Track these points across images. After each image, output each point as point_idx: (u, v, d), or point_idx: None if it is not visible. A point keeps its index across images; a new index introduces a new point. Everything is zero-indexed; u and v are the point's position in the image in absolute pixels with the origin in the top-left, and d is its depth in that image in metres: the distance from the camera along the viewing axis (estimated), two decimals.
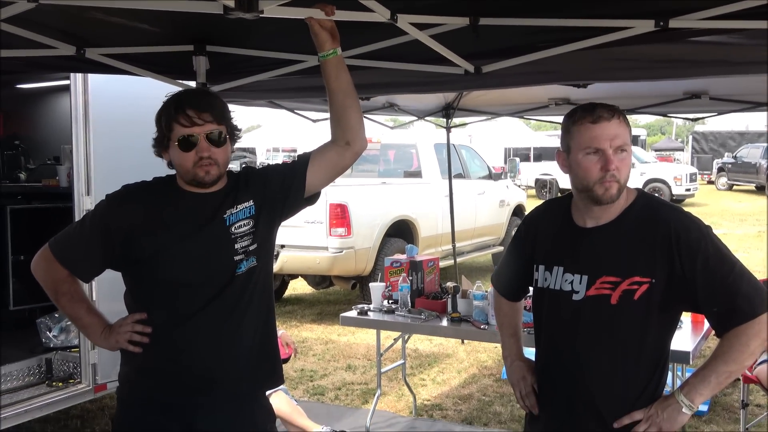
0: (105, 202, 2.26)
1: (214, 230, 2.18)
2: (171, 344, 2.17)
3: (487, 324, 4.15)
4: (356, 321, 4.63)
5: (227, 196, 2.23)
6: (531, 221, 2.31)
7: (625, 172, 1.99)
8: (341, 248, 7.83)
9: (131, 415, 2.25)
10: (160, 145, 2.18)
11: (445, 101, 6.52)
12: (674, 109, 5.92)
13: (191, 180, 2.17)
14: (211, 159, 2.13)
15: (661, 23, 2.56)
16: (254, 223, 2.23)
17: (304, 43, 2.28)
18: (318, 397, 5.66)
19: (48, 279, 2.26)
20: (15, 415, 4.08)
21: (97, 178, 4.39)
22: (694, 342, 3.75)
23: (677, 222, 1.98)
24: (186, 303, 2.16)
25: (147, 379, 2.21)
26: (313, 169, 2.28)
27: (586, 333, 2.04)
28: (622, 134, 1.98)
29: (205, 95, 2.29)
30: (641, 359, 2.02)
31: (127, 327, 2.18)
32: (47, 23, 2.79)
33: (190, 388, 2.17)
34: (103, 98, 4.43)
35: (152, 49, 3.23)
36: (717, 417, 5.02)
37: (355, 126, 2.26)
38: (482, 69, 3.11)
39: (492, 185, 10.77)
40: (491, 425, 4.99)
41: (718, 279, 1.91)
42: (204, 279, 2.16)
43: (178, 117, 2.11)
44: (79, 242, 2.24)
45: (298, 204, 2.33)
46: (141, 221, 2.17)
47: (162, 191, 2.24)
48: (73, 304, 2.27)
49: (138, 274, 2.22)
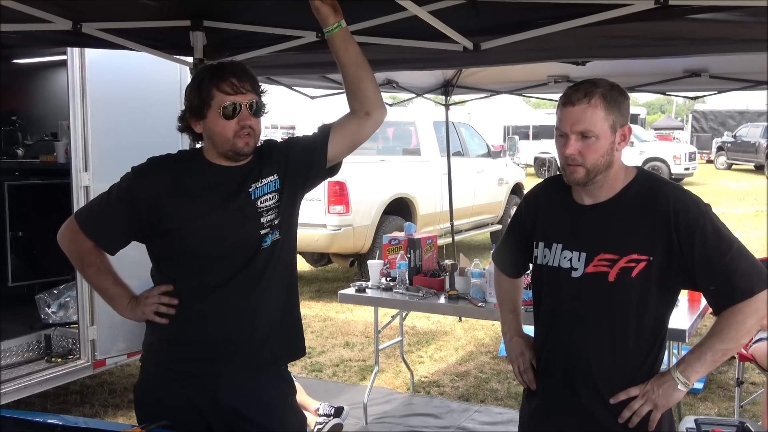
0: (131, 174, 2.25)
1: (240, 204, 2.18)
2: (196, 315, 2.18)
3: (485, 302, 4.17)
4: (354, 298, 4.64)
5: (252, 170, 2.22)
6: (531, 199, 2.31)
7: (592, 156, 1.97)
8: (339, 226, 7.85)
9: (154, 383, 2.26)
10: (196, 115, 2.15)
11: (444, 78, 6.49)
12: (674, 87, 5.91)
13: (228, 150, 2.16)
14: (252, 129, 2.14)
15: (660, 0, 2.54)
16: (279, 197, 2.24)
17: (302, 18, 2.27)
18: (316, 373, 5.70)
19: (74, 250, 2.26)
20: (15, 390, 4.11)
21: (94, 154, 4.36)
22: (690, 320, 3.77)
23: (676, 200, 1.98)
24: (211, 275, 2.17)
25: (171, 348, 2.23)
26: (334, 140, 2.28)
27: (584, 310, 2.05)
28: (587, 119, 1.95)
29: (242, 66, 2.27)
30: (639, 336, 2.03)
31: (153, 299, 2.19)
32: None
33: (213, 358, 2.19)
34: (100, 73, 4.41)
35: (149, 24, 3.21)
36: (712, 394, 5.07)
37: (372, 96, 2.26)
38: (481, 46, 3.09)
39: (491, 163, 10.77)
40: (488, 402, 5.03)
41: (716, 257, 1.92)
42: (230, 252, 2.17)
43: (222, 85, 2.10)
44: (105, 214, 2.24)
45: (320, 175, 2.34)
46: (167, 193, 2.17)
47: (188, 163, 2.24)
48: (99, 276, 2.27)
49: (164, 246, 2.22)
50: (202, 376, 2.18)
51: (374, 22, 2.97)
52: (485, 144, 11.15)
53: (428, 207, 8.98)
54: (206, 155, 2.22)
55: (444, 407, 4.93)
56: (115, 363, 4.54)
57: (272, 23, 3.23)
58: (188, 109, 2.18)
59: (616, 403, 2.01)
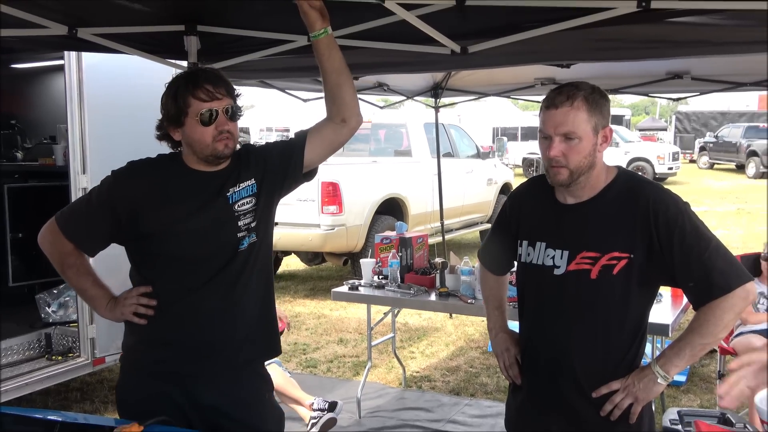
0: (111, 178, 2.24)
1: (219, 208, 2.18)
2: (175, 316, 2.18)
3: (474, 298, 4.17)
4: (347, 296, 4.64)
5: (230, 175, 2.22)
6: (516, 198, 2.32)
7: (575, 157, 1.97)
8: (333, 225, 7.84)
9: (134, 383, 2.26)
10: (173, 123, 2.15)
11: (433, 81, 6.49)
12: (657, 89, 5.92)
13: (209, 155, 2.15)
14: (229, 133, 2.14)
15: (643, 3, 2.54)
16: (256, 201, 2.24)
17: (294, 23, 2.27)
18: (311, 369, 5.70)
19: (54, 252, 2.25)
20: (16, 387, 4.10)
21: (92, 157, 4.37)
22: (673, 315, 3.78)
23: (656, 198, 1.98)
24: (190, 277, 2.17)
25: (151, 349, 2.22)
26: (310, 146, 2.28)
27: (567, 306, 2.05)
28: (570, 122, 1.95)
29: (215, 72, 2.27)
30: (620, 332, 2.04)
31: (132, 299, 2.19)
32: (39, 2, 2.76)
33: (192, 357, 2.18)
34: (97, 77, 4.40)
35: (144, 28, 3.20)
36: (694, 387, 5.09)
37: (350, 103, 2.26)
38: (468, 49, 3.09)
39: (480, 164, 10.78)
40: (478, 396, 5.04)
41: (694, 254, 1.93)
42: (208, 254, 2.17)
43: (197, 92, 2.10)
44: (86, 217, 2.23)
45: (296, 180, 2.33)
46: (147, 197, 2.17)
47: (167, 168, 2.23)
48: (79, 277, 2.27)
49: (144, 249, 2.21)
50: (182, 376, 2.18)
51: (364, 26, 2.97)
52: (474, 145, 11.16)
53: (419, 207, 8.98)
54: (185, 160, 2.22)
55: (435, 401, 4.93)
56: (114, 360, 4.52)
57: (264, 27, 3.23)
58: (165, 118, 2.17)
59: (598, 397, 2.02)
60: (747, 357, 1.63)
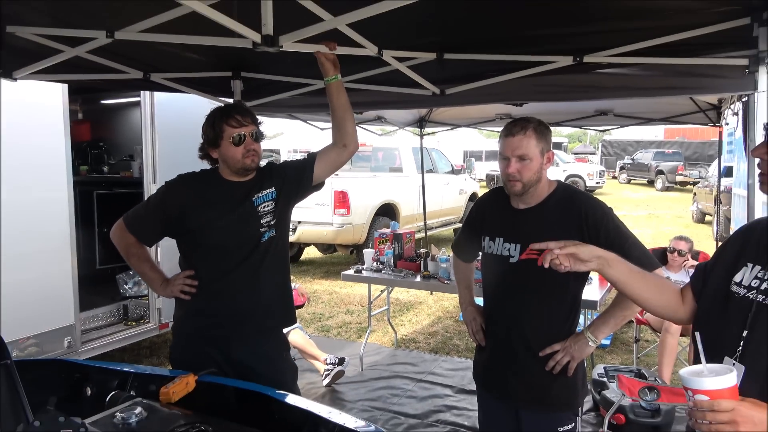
0: (164, 187, 2.25)
1: (246, 209, 2.18)
2: (213, 292, 2.17)
3: (449, 280, 4.17)
4: (353, 277, 4.63)
5: (255, 184, 2.22)
6: (480, 204, 2.30)
7: (527, 173, 1.96)
8: (342, 224, 7.83)
9: (183, 344, 2.25)
10: (212, 145, 2.16)
11: (419, 115, 6.49)
12: (588, 123, 5.93)
13: (240, 168, 2.15)
14: (255, 151, 2.15)
15: (577, 59, 2.55)
16: (275, 204, 2.22)
17: (314, 71, 2.26)
18: (325, 333, 5.69)
19: (121, 243, 2.25)
20: (100, 346, 4.12)
21: (161, 171, 4.38)
22: (600, 293, 3.78)
23: (587, 205, 1.98)
24: (224, 262, 2.16)
25: (195, 318, 2.21)
26: (318, 164, 2.27)
27: (519, 287, 2.04)
28: (523, 146, 1.95)
29: (243, 106, 2.27)
30: (561, 306, 2.03)
31: (179, 281, 2.19)
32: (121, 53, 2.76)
33: (227, 324, 2.17)
34: (165, 111, 4.42)
35: (201, 74, 3.20)
36: (617, 349, 5.09)
37: (351, 133, 2.25)
38: (446, 91, 3.09)
39: (454, 178, 10.76)
40: (451, 354, 5.03)
41: (616, 247, 1.89)
42: (237, 245, 2.17)
43: (230, 120, 2.12)
44: (145, 216, 2.24)
45: (307, 190, 2.32)
46: (191, 201, 2.17)
47: (207, 179, 2.24)
48: (140, 263, 2.27)
49: (189, 241, 2.21)
50: (218, 338, 2.17)
51: (368, 73, 2.97)
52: (450, 164, 11.15)
53: (408, 210, 8.97)
54: (221, 173, 2.22)
55: (419, 358, 4.92)
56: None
57: (292, 74, 3.23)
58: (206, 141, 2.18)
59: (544, 356, 2.02)
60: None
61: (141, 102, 4.33)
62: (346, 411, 1.94)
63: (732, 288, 1.30)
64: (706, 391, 1.10)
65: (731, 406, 1.08)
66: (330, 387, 4.26)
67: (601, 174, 23.47)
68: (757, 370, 1.18)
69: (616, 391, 3.45)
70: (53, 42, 2.39)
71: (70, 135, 3.80)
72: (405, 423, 3.71)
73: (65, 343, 3.81)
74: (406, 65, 2.68)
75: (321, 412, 1.56)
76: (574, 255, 1.39)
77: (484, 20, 2.29)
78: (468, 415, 3.77)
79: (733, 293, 1.30)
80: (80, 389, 1.83)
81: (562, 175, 21.66)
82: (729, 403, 1.08)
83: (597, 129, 6.55)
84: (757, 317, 1.22)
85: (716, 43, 2.36)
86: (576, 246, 1.40)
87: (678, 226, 12.83)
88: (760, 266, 1.26)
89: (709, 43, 2.36)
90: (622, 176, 27.35)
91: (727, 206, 10.49)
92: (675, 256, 4.43)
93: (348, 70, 2.87)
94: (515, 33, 2.44)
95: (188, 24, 2.00)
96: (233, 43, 1.98)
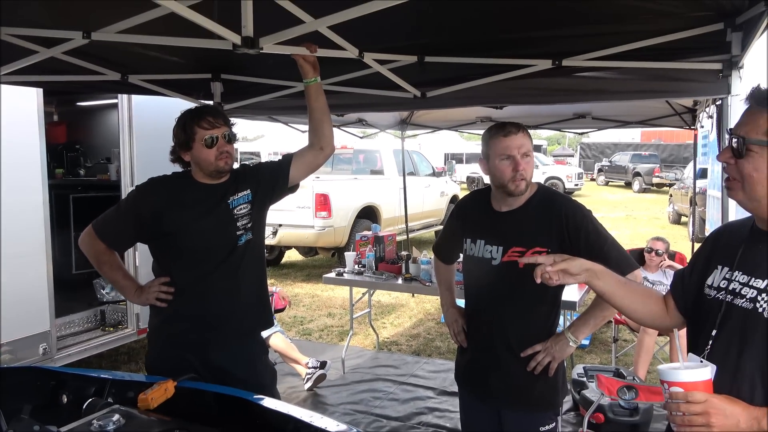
0: (135, 190, 2.22)
1: (221, 211, 2.15)
2: (189, 297, 2.14)
3: (431, 282, 4.17)
4: (335, 280, 4.61)
5: (230, 187, 2.19)
6: (461, 206, 2.31)
7: (530, 171, 1.99)
8: (324, 226, 7.80)
9: (159, 351, 2.21)
10: (184, 148, 2.13)
11: (400, 118, 6.50)
12: (566, 126, 5.99)
13: (213, 170, 2.12)
14: (228, 152, 2.12)
15: (556, 62, 2.58)
16: (251, 207, 2.20)
17: (295, 74, 2.25)
18: (306, 336, 5.66)
19: (91, 251, 2.20)
20: (77, 352, 4.05)
21: (138, 173, 4.32)
22: (579, 294, 3.81)
23: (567, 207, 1.99)
24: (200, 266, 2.13)
25: (171, 324, 2.18)
26: (294, 166, 2.25)
27: (501, 289, 2.04)
28: (526, 144, 1.97)
29: (214, 107, 2.24)
30: (541, 307, 2.04)
31: (155, 288, 2.15)
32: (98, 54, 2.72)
33: (204, 328, 2.15)
34: (143, 113, 4.36)
35: (180, 76, 3.16)
36: (596, 349, 5.15)
37: (327, 136, 2.24)
38: (427, 94, 3.11)
39: (435, 180, 10.80)
40: (433, 356, 5.04)
41: (596, 249, 1.93)
42: (214, 248, 2.14)
43: (201, 122, 2.08)
44: (116, 221, 2.19)
45: (283, 192, 2.30)
46: (165, 203, 2.13)
47: (180, 182, 2.20)
48: (112, 271, 2.21)
49: (163, 245, 2.17)
50: (196, 344, 2.14)
51: (349, 76, 2.97)
52: (431, 166, 11.18)
53: (389, 212, 8.97)
54: (194, 176, 2.19)
55: (401, 360, 4.92)
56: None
57: (272, 76, 3.21)
58: (177, 144, 2.15)
59: (525, 356, 2.02)
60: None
61: (119, 104, 4.27)
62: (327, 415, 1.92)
63: (704, 290, 1.34)
64: (680, 383, 1.13)
65: (704, 398, 1.11)
66: (312, 391, 4.23)
67: (579, 176, 23.75)
68: (725, 368, 1.21)
69: (596, 390, 3.49)
70: (27, 42, 2.34)
71: (45, 137, 3.73)
72: (387, 426, 3.71)
73: (40, 349, 3.73)
74: (388, 68, 2.69)
75: (302, 416, 1.55)
76: (565, 270, 1.40)
77: (465, 24, 2.30)
78: (450, 417, 3.77)
79: (705, 295, 1.33)
80: (56, 397, 1.79)
81: (541, 177, 21.87)
82: (702, 395, 1.11)
83: (575, 132, 6.62)
84: (725, 317, 1.25)
85: (691, 47, 2.41)
86: (566, 261, 1.43)
87: (655, 227, 13.04)
88: (728, 267, 1.29)
89: (684, 48, 2.41)
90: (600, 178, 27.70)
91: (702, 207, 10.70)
92: (652, 256, 4.51)
93: (329, 72, 2.87)
94: (496, 36, 2.46)
95: (167, 25, 1.98)
96: (213, 45, 1.97)
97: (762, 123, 1.17)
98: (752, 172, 1.19)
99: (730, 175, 1.24)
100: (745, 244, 1.28)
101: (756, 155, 1.18)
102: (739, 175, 1.21)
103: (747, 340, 1.20)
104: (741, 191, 1.22)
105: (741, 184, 1.22)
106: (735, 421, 1.10)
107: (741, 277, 1.25)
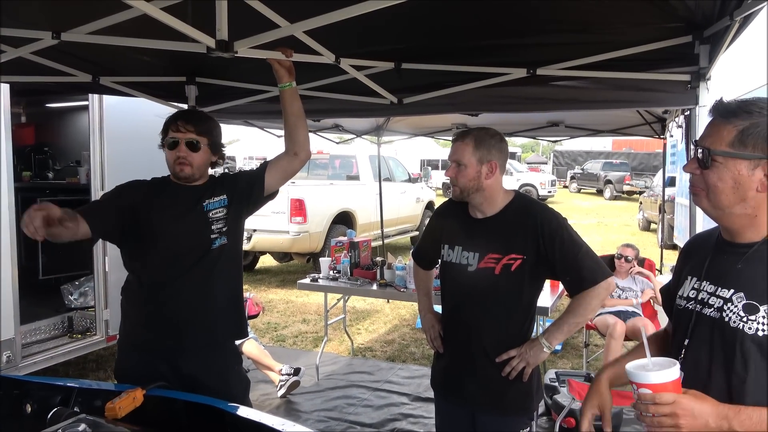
0: (116, 188, 2.21)
1: (196, 214, 2.13)
2: (161, 301, 2.11)
3: (406, 288, 4.18)
4: (309, 286, 4.58)
5: (207, 190, 2.19)
6: (440, 213, 2.31)
7: (462, 180, 2.02)
8: (299, 232, 7.75)
9: (128, 358, 2.17)
10: (162, 146, 2.16)
11: (377, 124, 6.50)
12: (540, 134, 6.07)
13: (173, 174, 2.16)
14: (186, 159, 2.10)
15: (531, 71, 2.62)
16: (226, 212, 2.19)
17: (271, 78, 2.23)
18: (280, 342, 5.60)
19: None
20: (44, 360, 3.93)
21: (109, 177, 4.23)
22: (552, 300, 3.86)
23: (543, 215, 2.01)
24: (172, 268, 2.10)
25: (141, 329, 2.14)
26: (270, 173, 2.24)
27: (477, 294, 2.05)
28: (460, 152, 2.03)
29: (197, 114, 2.21)
30: (516, 313, 2.05)
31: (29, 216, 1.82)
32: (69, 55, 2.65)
33: (174, 335, 2.10)
34: (114, 115, 4.28)
35: (153, 78, 3.11)
36: (568, 354, 5.20)
37: (302, 141, 2.23)
38: (403, 101, 3.12)
39: (411, 186, 10.82)
40: (408, 362, 5.03)
41: (570, 256, 1.96)
42: (187, 250, 2.11)
43: (173, 124, 2.11)
44: (97, 204, 2.21)
45: (260, 200, 2.28)
46: (142, 201, 2.12)
47: (159, 185, 2.21)
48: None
49: (136, 246, 2.13)
50: (166, 350, 2.10)
51: (325, 81, 2.96)
52: (407, 172, 11.21)
53: (365, 218, 8.96)
54: (171, 179, 2.20)
55: (376, 366, 4.90)
56: None
57: (247, 80, 3.18)
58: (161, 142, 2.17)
59: (500, 362, 2.03)
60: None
61: (89, 105, 4.18)
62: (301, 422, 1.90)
63: (677, 301, 1.36)
64: (649, 385, 1.15)
65: (672, 399, 1.13)
66: (285, 398, 4.18)
67: (552, 183, 24.07)
68: (696, 376, 1.24)
69: (567, 395, 3.52)
70: None
71: (11, 139, 3.63)
72: None
73: (4, 357, 3.61)
74: (364, 74, 2.68)
75: (274, 424, 1.52)
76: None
77: (442, 31, 2.32)
78: (424, 423, 3.77)
79: (677, 306, 1.36)
80: (20, 407, 1.73)
81: (516, 184, 22.12)
82: (670, 396, 1.13)
83: (549, 139, 6.72)
84: (696, 326, 1.28)
85: (661, 59, 2.47)
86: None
87: (625, 234, 13.27)
88: (697, 278, 1.33)
89: (654, 59, 2.47)
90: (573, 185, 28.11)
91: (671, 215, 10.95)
92: (622, 262, 4.59)
93: (305, 77, 2.86)
94: (472, 44, 2.48)
95: (141, 27, 1.94)
96: (187, 48, 1.94)
97: (725, 134, 1.20)
98: (717, 182, 1.22)
99: (696, 185, 1.27)
100: (711, 254, 1.30)
101: (720, 166, 1.21)
102: (705, 185, 1.24)
103: (715, 348, 1.23)
104: (706, 199, 1.25)
105: (706, 193, 1.25)
106: (704, 421, 1.12)
107: (708, 287, 1.28)
